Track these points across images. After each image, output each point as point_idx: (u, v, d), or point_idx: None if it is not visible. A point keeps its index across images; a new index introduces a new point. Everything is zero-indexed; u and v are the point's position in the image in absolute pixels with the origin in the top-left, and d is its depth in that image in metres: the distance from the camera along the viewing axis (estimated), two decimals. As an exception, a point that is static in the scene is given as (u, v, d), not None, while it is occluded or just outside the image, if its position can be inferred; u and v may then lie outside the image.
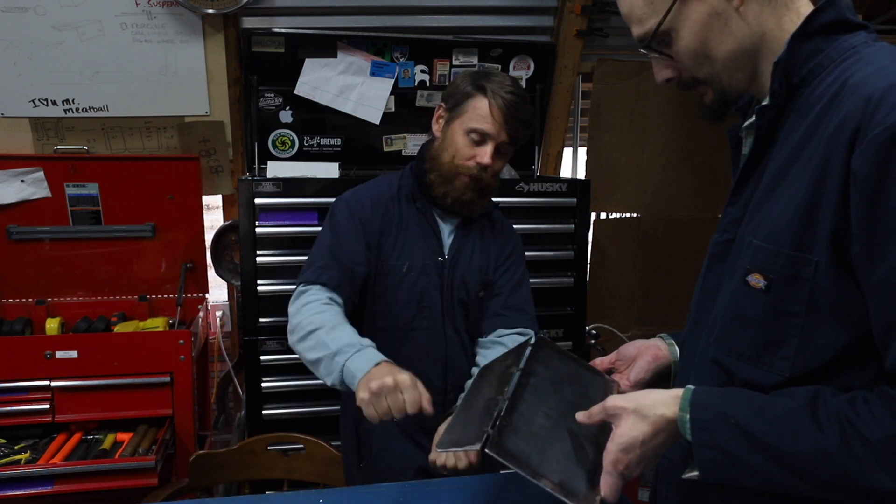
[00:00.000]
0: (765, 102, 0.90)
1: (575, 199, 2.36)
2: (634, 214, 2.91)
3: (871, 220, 0.75)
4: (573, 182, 2.39)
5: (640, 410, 0.88)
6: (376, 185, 1.62)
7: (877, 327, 0.78)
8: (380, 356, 1.24)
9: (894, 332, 0.76)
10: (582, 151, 2.80)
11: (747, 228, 0.90)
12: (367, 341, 1.29)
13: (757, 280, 0.86)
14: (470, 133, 1.47)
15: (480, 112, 1.46)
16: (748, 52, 0.89)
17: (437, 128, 1.56)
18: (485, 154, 1.46)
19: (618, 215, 3.00)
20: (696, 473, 0.86)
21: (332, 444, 1.67)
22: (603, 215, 2.96)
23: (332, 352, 1.26)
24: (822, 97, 0.83)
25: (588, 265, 2.52)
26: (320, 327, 1.32)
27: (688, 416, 0.85)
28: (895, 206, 0.74)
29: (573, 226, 2.37)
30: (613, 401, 0.92)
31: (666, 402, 0.88)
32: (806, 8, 0.89)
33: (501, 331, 1.57)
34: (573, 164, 2.92)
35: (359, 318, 1.55)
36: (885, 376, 0.78)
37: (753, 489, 0.84)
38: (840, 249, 0.79)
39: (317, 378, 1.34)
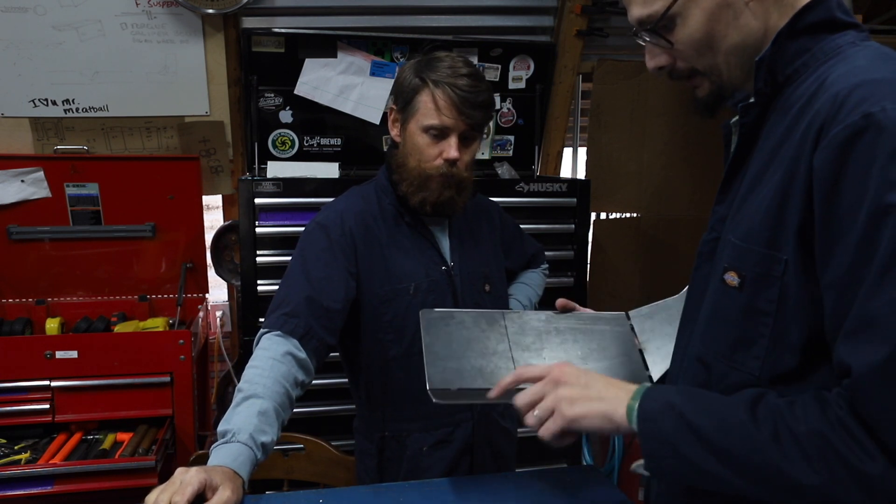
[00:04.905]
0: (751, 100, 0.89)
1: (575, 199, 2.36)
2: (634, 214, 2.90)
3: (827, 220, 0.75)
4: (573, 182, 2.39)
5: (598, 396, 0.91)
6: (351, 200, 1.49)
7: (827, 328, 0.77)
8: (225, 459, 1.06)
9: (840, 333, 0.75)
10: (582, 151, 2.80)
11: (730, 227, 0.90)
12: (247, 429, 1.11)
13: (732, 278, 0.86)
14: (427, 131, 1.37)
15: (430, 107, 1.35)
16: (750, 48, 0.88)
17: (395, 132, 1.46)
18: (450, 148, 1.37)
19: (618, 215, 3.00)
20: (642, 462, 0.87)
21: (332, 444, 1.66)
22: (603, 215, 2.96)
23: (222, 430, 1.13)
24: (802, 96, 0.83)
25: (588, 265, 2.52)
26: (241, 391, 1.19)
27: (636, 405, 0.86)
28: (848, 206, 0.73)
29: (573, 226, 2.37)
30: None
31: (620, 397, 0.89)
32: None
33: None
34: (573, 164, 2.92)
35: (359, 350, 1.47)
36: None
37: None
38: (806, 248, 0.79)
39: (317, 378, 1.33)
